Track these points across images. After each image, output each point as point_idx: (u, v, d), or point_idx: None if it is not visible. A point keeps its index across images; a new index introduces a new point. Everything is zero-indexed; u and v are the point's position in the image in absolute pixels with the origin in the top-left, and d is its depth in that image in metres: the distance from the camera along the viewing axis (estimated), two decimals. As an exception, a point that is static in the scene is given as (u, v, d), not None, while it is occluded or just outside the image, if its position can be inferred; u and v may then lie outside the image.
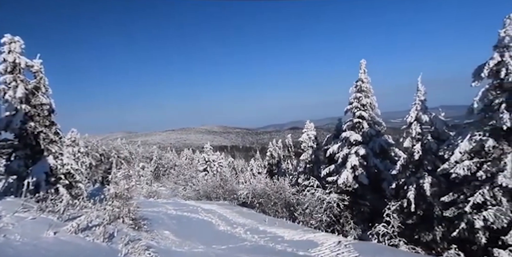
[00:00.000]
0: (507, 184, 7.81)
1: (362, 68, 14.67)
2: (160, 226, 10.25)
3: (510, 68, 8.21)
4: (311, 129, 19.80)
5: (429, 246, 10.26)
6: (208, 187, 20.56)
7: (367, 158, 14.17)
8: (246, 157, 64.37)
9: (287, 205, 14.74)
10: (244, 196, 16.52)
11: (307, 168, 19.10)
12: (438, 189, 10.55)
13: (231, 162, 47.19)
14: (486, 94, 8.79)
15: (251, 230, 11.11)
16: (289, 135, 36.62)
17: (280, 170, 29.31)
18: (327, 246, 9.30)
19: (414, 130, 11.56)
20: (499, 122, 8.21)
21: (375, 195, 14.06)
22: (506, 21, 8.25)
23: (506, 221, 7.85)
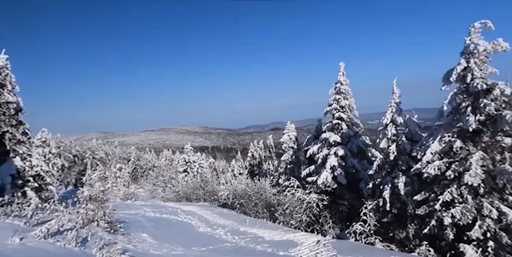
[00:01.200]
0: (472, 182, 8.30)
1: (341, 71, 15.07)
2: (138, 229, 9.97)
3: (475, 74, 8.75)
4: (292, 129, 20.04)
5: (403, 243, 10.69)
6: (188, 188, 20.25)
7: (345, 158, 14.54)
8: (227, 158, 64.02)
9: (267, 206, 14.82)
10: (225, 197, 16.43)
11: (287, 168, 19.29)
12: (412, 188, 11.02)
13: (212, 162, 46.73)
14: (454, 97, 9.31)
15: (231, 231, 11.08)
16: (271, 135, 36.86)
17: (261, 171, 29.40)
18: (306, 245, 9.46)
19: (390, 131, 12.02)
20: (465, 124, 8.72)
21: (352, 195, 14.46)
22: (471, 29, 8.80)
23: (471, 217, 8.33)
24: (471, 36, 8.76)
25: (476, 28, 8.73)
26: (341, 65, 15.12)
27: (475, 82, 8.63)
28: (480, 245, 8.30)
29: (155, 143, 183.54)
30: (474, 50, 8.64)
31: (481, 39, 8.72)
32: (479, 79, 8.65)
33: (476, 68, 8.69)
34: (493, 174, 8.45)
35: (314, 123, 18.06)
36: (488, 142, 8.81)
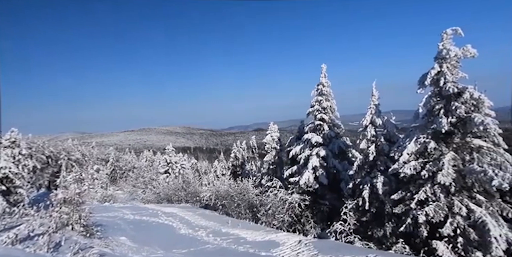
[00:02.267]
0: (444, 181, 8.71)
1: (323, 73, 15.37)
2: (116, 232, 9.67)
3: (447, 78, 9.20)
4: (274, 130, 20.18)
5: (381, 241, 11.03)
6: (169, 190, 19.87)
7: (327, 159, 14.81)
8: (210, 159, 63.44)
9: (250, 206, 14.81)
10: (207, 198, 16.27)
11: (270, 169, 19.40)
12: (389, 188, 11.38)
13: (194, 163, 46.11)
14: (429, 100, 9.73)
15: (213, 232, 10.99)
16: (254, 136, 36.93)
17: (244, 171, 29.37)
18: (288, 245, 9.53)
19: (369, 133, 12.38)
20: (438, 126, 9.13)
21: (333, 195, 14.75)
22: (443, 35, 9.26)
23: (443, 215, 8.74)
24: (443, 42, 9.22)
25: (448, 35, 9.19)
26: (323, 67, 15.42)
27: (447, 86, 9.08)
28: (450, 241, 8.72)
29: (135, 144, 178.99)
30: (446, 55, 9.10)
31: (453, 45, 9.19)
32: (451, 83, 9.12)
33: (448, 72, 9.15)
34: (463, 173, 8.91)
35: (297, 124, 18.28)
36: (459, 143, 9.29)
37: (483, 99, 8.71)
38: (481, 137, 9.01)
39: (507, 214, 8.51)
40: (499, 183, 7.90)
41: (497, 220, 8.35)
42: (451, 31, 9.14)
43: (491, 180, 8.03)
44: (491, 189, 8.54)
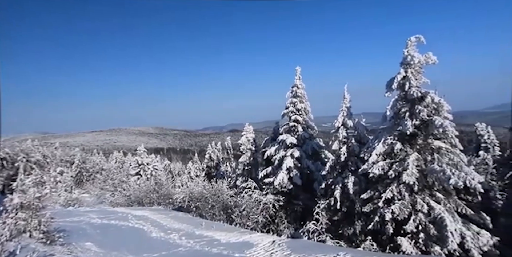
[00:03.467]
0: (408, 181, 9.23)
1: (298, 75, 15.68)
2: (81, 238, 9.14)
3: (412, 83, 9.78)
4: (250, 131, 20.21)
5: (351, 239, 11.41)
6: (140, 192, 19.19)
7: (301, 159, 15.09)
8: (184, 160, 62.14)
9: (224, 208, 14.69)
10: (181, 200, 15.91)
11: (245, 170, 19.38)
12: (359, 187, 11.83)
13: (168, 165, 44.91)
14: (395, 103, 10.27)
15: (186, 235, 10.76)
16: (229, 137, 36.76)
17: (218, 173, 29.10)
18: (262, 246, 9.57)
19: (341, 134, 12.80)
20: (404, 128, 9.67)
21: (307, 195, 15.04)
22: (408, 42, 9.86)
23: (407, 212, 9.25)
24: (408, 49, 9.81)
25: (412, 42, 9.79)
26: (298, 70, 15.74)
27: (411, 90, 9.66)
28: (413, 237, 9.25)
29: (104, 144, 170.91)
30: (411, 61, 9.68)
31: (416, 51, 9.81)
32: (415, 88, 9.70)
33: (413, 77, 9.74)
34: (425, 173, 9.50)
35: (272, 126, 18.44)
36: (422, 144, 9.89)
37: (443, 103, 9.37)
38: (441, 139, 9.66)
39: (461, 210, 9.19)
40: (455, 182, 8.52)
41: (453, 216, 8.98)
42: (415, 39, 9.75)
43: (449, 179, 8.64)
44: (449, 187, 9.18)
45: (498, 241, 9.01)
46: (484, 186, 9.13)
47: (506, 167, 15.15)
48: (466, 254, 8.70)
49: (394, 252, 9.19)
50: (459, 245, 8.58)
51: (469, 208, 9.23)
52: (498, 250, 8.97)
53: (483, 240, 8.85)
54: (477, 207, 9.76)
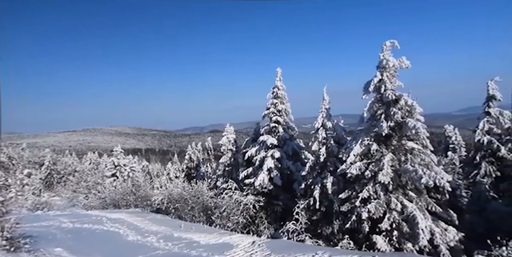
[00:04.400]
0: (384, 180, 9.60)
1: (278, 76, 15.85)
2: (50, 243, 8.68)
3: (387, 86, 10.19)
4: (231, 132, 20.15)
5: (329, 238, 11.67)
6: (117, 194, 18.51)
7: (281, 160, 15.25)
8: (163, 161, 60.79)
9: (204, 209, 14.52)
10: (159, 202, 15.53)
11: (226, 171, 19.29)
12: (338, 187, 12.12)
13: (146, 166, 43.73)
14: (372, 106, 10.64)
15: (164, 237, 10.52)
16: (209, 138, 36.39)
17: (199, 174, 28.75)
18: (242, 247, 9.55)
19: (321, 135, 13.07)
20: (380, 129, 10.05)
21: (287, 195, 15.21)
22: (383, 47, 10.27)
23: (382, 211, 9.62)
24: (383, 53, 10.22)
25: (387, 46, 10.21)
26: (278, 71, 15.91)
27: (387, 93, 10.06)
28: (387, 235, 9.63)
29: (77, 145, 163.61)
30: (386, 65, 10.09)
31: (391, 56, 10.23)
32: (390, 91, 10.11)
33: (388, 81, 10.15)
34: (399, 172, 9.91)
35: (253, 126, 18.49)
36: (396, 145, 10.31)
37: (415, 106, 9.84)
38: (413, 140, 10.13)
39: (431, 208, 9.70)
40: (426, 181, 8.98)
41: (424, 214, 9.45)
42: (390, 43, 10.18)
43: (420, 178, 9.08)
44: (420, 186, 9.65)
45: (463, 237, 9.59)
46: (452, 185, 9.70)
47: (471, 166, 16.15)
48: (435, 250, 9.17)
49: (369, 250, 9.49)
50: (429, 242, 9.03)
51: (438, 206, 9.75)
52: (463, 245, 9.54)
53: (450, 236, 9.38)
54: (445, 205, 10.33)
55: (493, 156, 15.00)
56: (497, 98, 15.05)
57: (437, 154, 15.34)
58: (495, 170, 14.84)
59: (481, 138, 15.08)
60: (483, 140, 14.99)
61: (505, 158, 14.66)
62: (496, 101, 15.13)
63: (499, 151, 14.68)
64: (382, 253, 8.78)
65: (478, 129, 15.28)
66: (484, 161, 15.18)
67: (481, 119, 15.46)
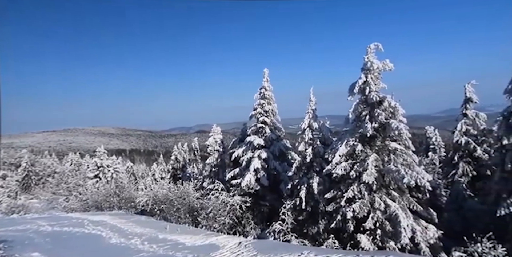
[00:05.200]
0: (368, 180, 9.82)
1: (265, 77, 15.91)
2: (26, 248, 8.33)
3: (372, 87, 10.43)
4: (217, 132, 20.06)
5: (314, 238, 11.80)
6: (99, 196, 18.02)
7: (268, 161, 15.30)
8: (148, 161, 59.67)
9: (190, 210, 14.37)
10: (144, 203, 15.24)
11: (212, 171, 19.17)
12: (324, 187, 12.28)
13: (130, 167, 42.74)
14: (357, 107, 10.86)
15: (149, 239, 10.32)
16: (196, 138, 36.05)
17: (185, 174, 28.43)
18: (228, 248, 9.50)
19: (307, 136, 13.21)
20: (364, 130, 10.27)
21: (273, 195, 15.28)
22: (367, 49, 10.52)
23: (366, 210, 9.82)
24: (368, 55, 10.46)
25: (371, 49, 10.47)
26: (265, 72, 15.97)
27: (371, 94, 10.30)
28: (371, 234, 9.84)
29: (57, 146, 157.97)
30: (371, 67, 10.33)
31: (375, 58, 10.49)
32: (374, 92, 10.36)
33: (372, 82, 10.39)
34: (383, 172, 10.15)
35: (240, 127, 18.47)
36: (380, 145, 10.56)
37: (398, 107, 10.12)
38: (396, 140, 10.41)
39: (413, 207, 10.00)
40: (408, 181, 9.25)
41: (406, 213, 9.73)
42: (374, 46, 10.44)
43: (403, 178, 9.34)
44: (403, 186, 9.93)
45: (442, 234, 9.94)
46: (432, 184, 10.04)
47: (450, 166, 16.80)
48: (416, 248, 9.46)
49: (354, 249, 9.67)
50: (410, 240, 9.30)
51: (419, 205, 10.06)
52: (442, 242, 9.89)
53: (430, 234, 9.70)
54: (425, 204, 10.68)
55: (470, 156, 15.66)
56: (473, 101, 15.73)
57: (418, 154, 15.85)
58: (471, 169, 15.50)
59: (459, 138, 15.71)
60: (461, 140, 15.62)
61: (481, 158, 15.34)
62: (473, 104, 15.82)
63: (475, 151, 15.35)
64: (365, 252, 8.96)
65: (456, 130, 15.91)
66: (461, 161, 15.82)
67: (459, 121, 16.11)
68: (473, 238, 8.19)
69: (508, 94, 11.05)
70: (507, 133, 10.95)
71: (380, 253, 7.54)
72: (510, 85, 11.03)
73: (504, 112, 11.26)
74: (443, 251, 9.63)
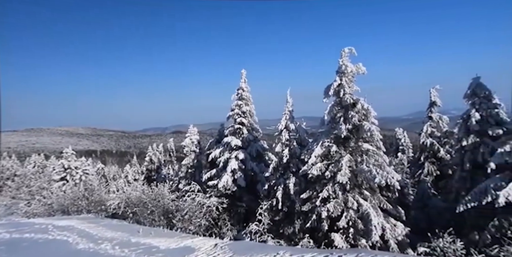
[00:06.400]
0: (342, 180, 10.13)
1: (243, 78, 15.93)
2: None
3: (346, 90, 10.79)
4: (194, 133, 19.74)
5: (290, 238, 11.96)
6: (66, 199, 17.02)
7: (245, 162, 15.30)
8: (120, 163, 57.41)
9: (165, 213, 14.00)
10: (115, 206, 14.62)
11: (188, 172, 18.84)
12: (299, 188, 12.50)
13: (101, 168, 40.84)
14: (332, 109, 11.18)
15: (121, 244, 9.89)
16: (171, 139, 35.24)
17: (160, 176, 27.69)
18: (203, 250, 9.37)
19: (284, 137, 13.38)
20: (339, 132, 10.60)
21: (250, 196, 15.30)
22: (342, 53, 10.88)
23: (340, 209, 10.13)
24: (342, 59, 10.83)
25: (345, 52, 10.84)
26: (243, 73, 15.99)
27: (345, 97, 10.66)
28: (344, 232, 10.16)
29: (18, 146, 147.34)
30: (345, 70, 10.70)
31: (349, 62, 10.87)
32: (348, 95, 10.73)
33: (346, 85, 10.75)
34: (356, 173, 10.52)
35: (217, 127, 18.32)
36: (353, 146, 10.94)
37: (370, 110, 10.56)
38: (369, 142, 10.84)
39: (383, 205, 10.46)
40: (379, 180, 9.67)
41: (377, 211, 10.15)
42: (348, 50, 10.83)
43: (374, 178, 9.75)
44: (374, 185, 10.36)
45: (409, 231, 10.50)
46: (400, 184, 10.57)
47: (416, 166, 17.81)
48: (385, 245, 9.90)
49: (328, 247, 9.92)
50: (380, 237, 9.72)
51: (389, 203, 10.54)
52: (409, 238, 10.44)
53: (398, 231, 10.20)
54: (394, 202, 11.21)
55: (434, 157, 16.69)
56: (437, 104, 16.81)
57: (389, 155, 16.65)
58: (435, 169, 16.52)
59: (424, 140, 16.69)
60: (426, 142, 16.60)
61: (444, 158, 16.40)
62: (437, 107, 16.90)
63: (439, 152, 16.39)
64: (338, 250, 9.23)
65: (423, 132, 16.90)
66: (427, 161, 16.81)
67: (425, 123, 17.13)
68: (436, 234, 8.72)
69: (467, 99, 11.94)
70: (466, 135, 11.81)
71: (352, 251, 7.80)
72: (468, 91, 11.92)
73: (464, 115, 12.13)
74: (410, 247, 10.15)
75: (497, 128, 10.98)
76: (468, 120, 11.66)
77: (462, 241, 8.33)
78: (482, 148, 11.36)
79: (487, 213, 9.66)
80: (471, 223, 10.47)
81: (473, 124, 11.41)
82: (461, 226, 10.49)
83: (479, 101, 11.57)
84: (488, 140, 11.27)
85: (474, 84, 11.79)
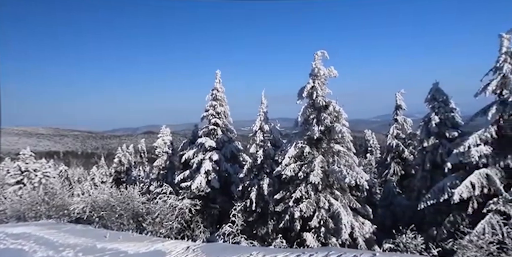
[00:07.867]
0: (314, 181, 10.38)
1: (218, 78, 15.79)
2: None
3: (318, 92, 11.10)
4: (167, 134, 19.21)
5: (264, 238, 12.02)
6: (22, 205, 15.76)
7: (219, 163, 15.15)
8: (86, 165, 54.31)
9: (135, 216, 13.44)
10: (80, 211, 13.79)
11: (160, 174, 18.28)
12: (273, 189, 12.61)
13: (64, 170, 38.35)
14: (305, 110, 11.44)
15: (84, 250, 9.35)
16: (143, 139, 34.07)
17: (129, 178, 26.57)
18: (175, 253, 9.13)
19: (258, 138, 13.45)
20: (312, 133, 10.86)
21: (224, 198, 15.17)
22: (315, 56, 11.19)
23: (312, 209, 10.38)
24: (315, 62, 11.13)
25: (318, 56, 11.16)
26: (218, 73, 15.87)
27: (318, 99, 10.96)
28: (316, 231, 10.41)
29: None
30: (318, 73, 11.01)
31: (322, 65, 11.20)
32: (321, 97, 11.05)
33: (319, 88, 11.06)
34: (327, 173, 10.84)
35: (191, 128, 17.98)
36: (325, 147, 11.27)
37: (342, 112, 10.94)
38: (340, 143, 11.22)
39: (352, 204, 10.87)
40: (349, 180, 10.03)
41: (346, 210, 10.52)
42: (321, 53, 11.16)
43: (345, 178, 10.09)
44: (345, 185, 10.74)
45: (376, 229, 11.00)
46: (369, 183, 11.03)
47: (383, 166, 18.75)
48: (354, 242, 10.28)
49: (300, 247, 10.09)
50: (349, 235, 10.08)
51: (358, 203, 10.98)
52: (376, 236, 10.93)
53: (366, 229, 10.65)
54: (363, 201, 11.69)
55: (399, 157, 17.64)
56: (402, 108, 17.82)
57: (358, 155, 17.32)
58: (400, 169, 17.47)
59: (391, 141, 17.60)
60: (392, 143, 17.52)
61: (408, 159, 17.40)
62: (402, 110, 17.91)
63: (404, 152, 17.35)
64: (310, 249, 9.42)
65: (389, 134, 17.82)
66: (393, 161, 17.73)
67: (391, 125, 18.08)
68: (400, 230, 9.22)
69: (428, 103, 12.77)
70: (427, 137, 12.62)
71: (323, 249, 8.01)
72: (429, 95, 12.76)
73: (425, 118, 12.96)
74: (377, 244, 10.62)
75: (453, 130, 11.83)
76: (428, 123, 12.45)
77: (422, 237, 8.86)
78: (440, 149, 12.17)
79: (444, 210, 10.32)
80: (430, 219, 11.16)
81: (433, 127, 12.20)
82: (422, 222, 11.15)
83: (438, 105, 12.37)
84: (446, 141, 12.10)
85: (433, 89, 12.61)
